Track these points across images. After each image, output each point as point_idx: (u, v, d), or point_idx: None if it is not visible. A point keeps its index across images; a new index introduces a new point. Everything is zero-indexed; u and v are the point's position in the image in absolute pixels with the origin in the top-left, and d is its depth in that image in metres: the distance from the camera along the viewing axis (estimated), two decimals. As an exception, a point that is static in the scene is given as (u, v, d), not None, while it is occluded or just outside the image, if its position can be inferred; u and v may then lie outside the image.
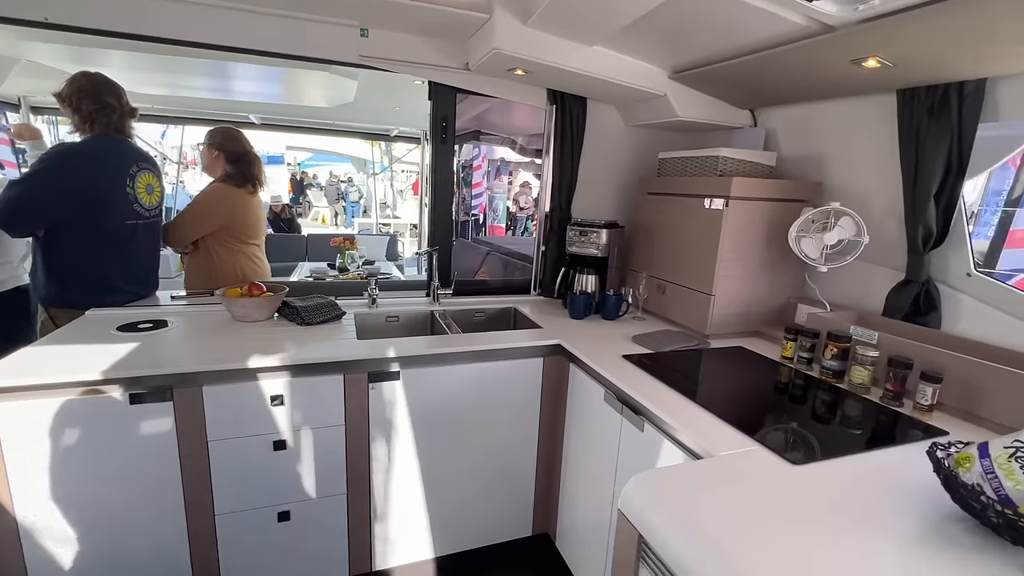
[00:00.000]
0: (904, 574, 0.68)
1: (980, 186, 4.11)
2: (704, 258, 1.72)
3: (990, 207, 3.76)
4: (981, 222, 4.13)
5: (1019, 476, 0.71)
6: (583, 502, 1.61)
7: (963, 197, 1.40)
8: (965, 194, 1.40)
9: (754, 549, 0.71)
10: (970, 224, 1.44)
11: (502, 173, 7.32)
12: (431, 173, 2.09)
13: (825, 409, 1.28)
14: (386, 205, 9.87)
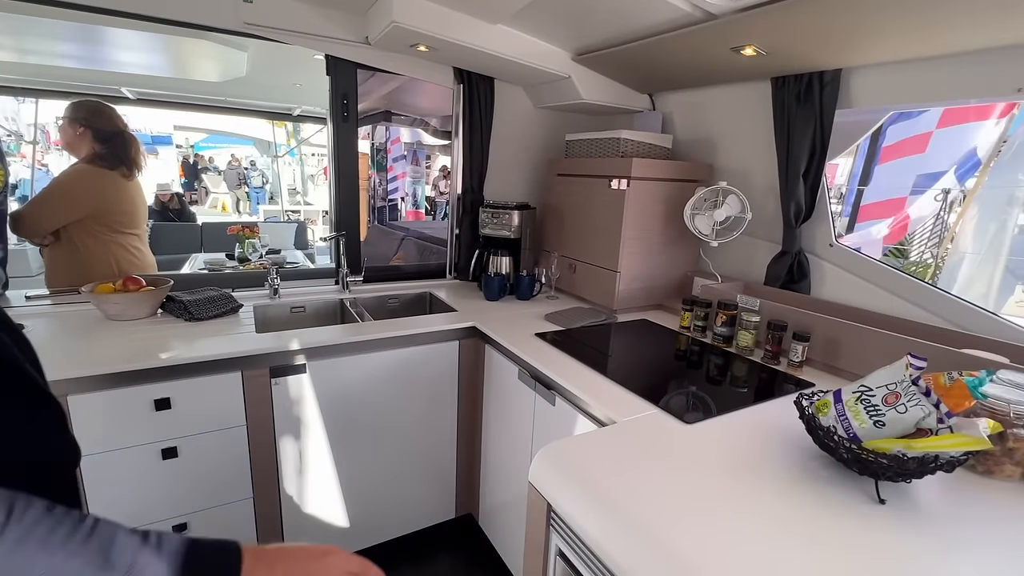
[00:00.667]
0: (776, 505, 0.76)
1: (847, 170, 4.66)
2: (610, 237, 1.79)
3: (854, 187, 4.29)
4: (848, 201, 4.71)
5: (863, 416, 0.82)
6: (503, 480, 1.65)
7: (825, 176, 1.57)
8: (839, 177, 1.58)
9: (650, 503, 0.76)
10: (837, 201, 1.63)
11: (419, 157, 7.13)
12: (334, 154, 1.98)
13: (717, 372, 1.39)
14: (295, 191, 9.24)
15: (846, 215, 4.90)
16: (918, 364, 0.81)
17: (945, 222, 3.98)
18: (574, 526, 0.81)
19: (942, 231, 3.81)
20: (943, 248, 3.11)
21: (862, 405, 0.84)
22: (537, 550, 0.91)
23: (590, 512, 0.79)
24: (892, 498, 0.79)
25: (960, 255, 2.86)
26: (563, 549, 0.86)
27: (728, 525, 0.72)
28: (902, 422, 0.78)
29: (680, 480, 0.83)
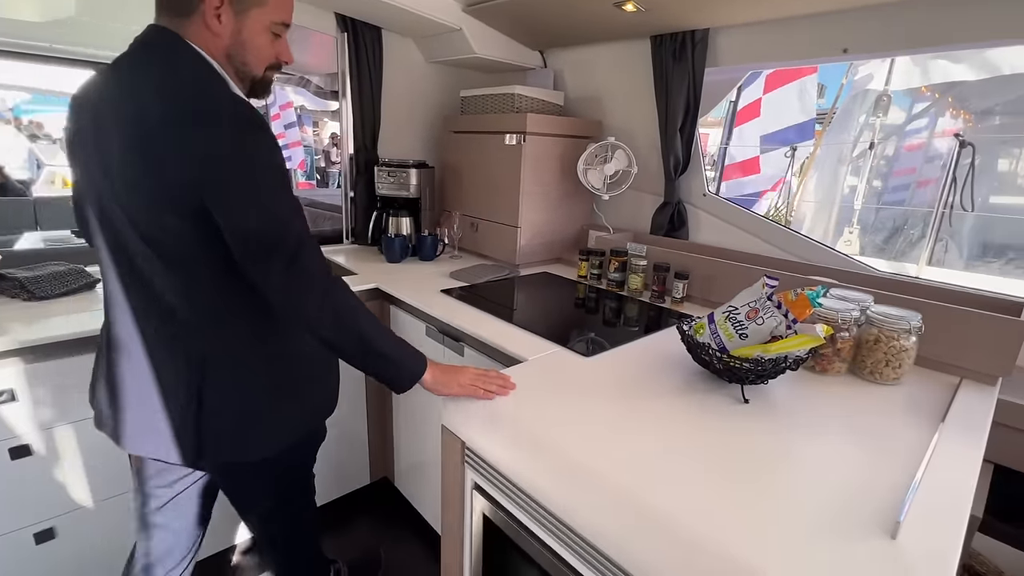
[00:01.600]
0: (664, 414, 0.86)
1: (717, 140, 5.13)
2: (509, 193, 1.82)
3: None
4: (719, 166, 5.22)
5: (731, 331, 0.95)
6: (417, 439, 1.65)
7: (698, 130, 1.73)
8: (711, 147, 1.74)
9: (557, 426, 0.82)
10: (711, 168, 1.80)
11: (304, 123, 6.57)
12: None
13: (612, 315, 1.50)
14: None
15: (716, 179, 5.45)
16: (772, 283, 0.95)
17: (790, 177, 4.68)
18: (488, 458, 0.84)
19: (789, 185, 4.45)
20: (794, 199, 3.64)
21: (730, 322, 0.96)
22: (455, 488, 0.94)
23: (502, 443, 0.82)
24: (754, 398, 0.93)
25: (806, 204, 3.35)
26: (479, 482, 0.89)
27: (626, 435, 0.80)
28: (760, 332, 0.92)
29: (582, 405, 0.90)
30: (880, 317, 1.01)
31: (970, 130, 3.77)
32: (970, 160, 2.17)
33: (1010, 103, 3.45)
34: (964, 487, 0.71)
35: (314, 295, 0.79)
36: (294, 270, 0.77)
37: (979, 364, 1.04)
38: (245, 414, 0.89)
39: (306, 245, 0.79)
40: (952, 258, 2.98)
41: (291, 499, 1.11)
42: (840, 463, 0.76)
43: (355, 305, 0.85)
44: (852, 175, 3.23)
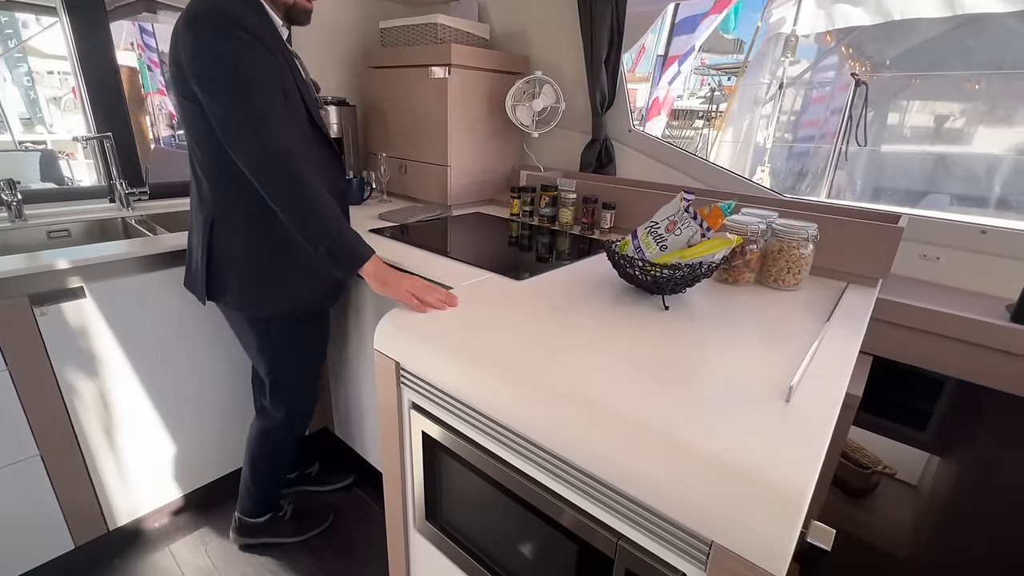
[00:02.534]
0: (595, 325, 0.90)
1: (644, 95, 5.20)
2: (436, 131, 1.76)
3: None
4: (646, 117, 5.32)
5: (652, 244, 1.00)
6: (355, 384, 1.63)
7: (623, 64, 1.74)
8: (639, 100, 1.75)
9: (490, 340, 0.83)
10: (640, 122, 1.83)
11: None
12: (75, 45, 1.52)
13: (545, 248, 1.52)
14: (30, 120, 6.99)
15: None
16: (688, 197, 1.00)
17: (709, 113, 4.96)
18: (423, 375, 0.85)
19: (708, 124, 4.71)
20: (715, 136, 3.82)
21: (651, 236, 1.01)
22: (390, 409, 0.94)
23: (436, 359, 0.83)
24: (674, 306, 0.99)
25: (725, 145, 3.54)
26: (416, 401, 0.90)
27: (558, 343, 0.83)
28: (679, 242, 0.97)
29: (515, 320, 0.92)
30: (783, 228, 1.10)
31: (865, 77, 4.10)
32: (864, 97, 2.37)
33: (899, 57, 3.79)
34: (845, 362, 0.81)
35: (276, 172, 0.97)
36: (262, 156, 0.96)
37: (863, 269, 1.17)
38: (238, 273, 1.13)
39: (268, 135, 0.95)
40: (849, 194, 3.30)
41: (276, 364, 1.28)
42: (745, 353, 0.83)
43: (306, 174, 0.98)
44: (766, 127, 3.44)
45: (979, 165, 3.79)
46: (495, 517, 0.85)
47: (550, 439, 0.68)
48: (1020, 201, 3.56)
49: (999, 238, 1.24)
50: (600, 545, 0.67)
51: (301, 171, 0.97)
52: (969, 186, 3.81)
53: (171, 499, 1.54)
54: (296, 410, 1.37)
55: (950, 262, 1.32)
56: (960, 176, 3.88)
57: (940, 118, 3.96)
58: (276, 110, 0.98)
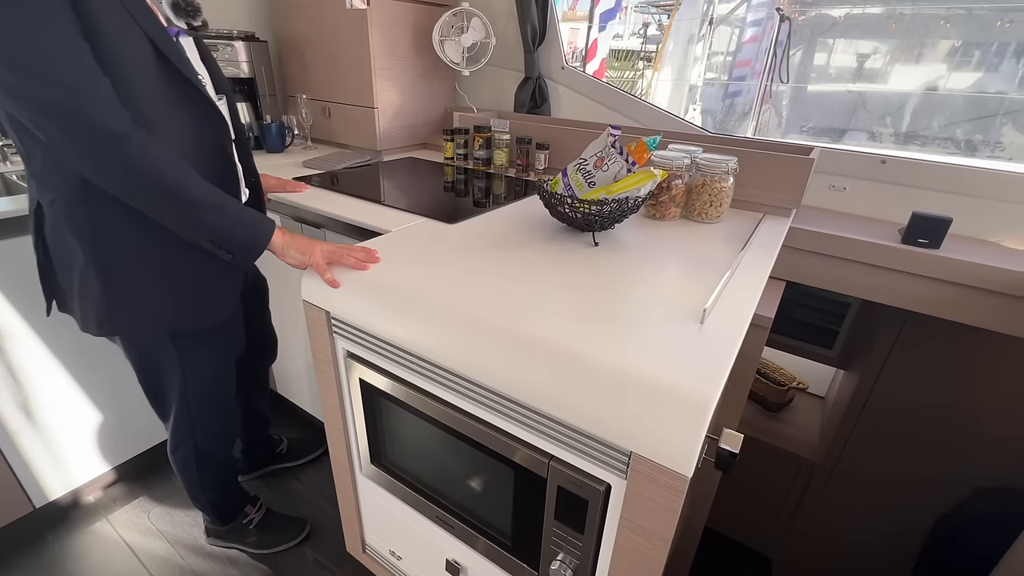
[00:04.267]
0: (530, 261, 0.91)
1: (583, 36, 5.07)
2: (360, 70, 1.65)
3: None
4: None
5: (581, 180, 1.00)
6: (289, 340, 1.59)
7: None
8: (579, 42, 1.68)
9: (422, 282, 0.82)
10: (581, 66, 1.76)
11: None
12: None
13: (481, 194, 1.50)
14: None
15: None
16: (615, 132, 1.00)
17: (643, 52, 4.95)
18: (355, 323, 0.84)
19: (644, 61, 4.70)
20: (652, 73, 3.83)
21: (580, 173, 1.01)
22: (326, 361, 0.93)
23: (366, 305, 0.82)
24: (604, 242, 1.02)
25: (662, 83, 3.56)
26: (350, 349, 0.89)
27: (491, 280, 0.83)
28: (606, 178, 0.98)
29: (446, 261, 0.91)
30: (705, 163, 1.14)
31: (793, 18, 4.20)
32: (787, 33, 2.43)
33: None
34: (755, 285, 0.87)
35: (103, 153, 0.70)
36: (73, 130, 0.69)
37: (778, 200, 1.24)
38: (80, 284, 0.88)
39: (83, 97, 0.68)
40: (774, 129, 3.45)
41: (157, 392, 1.08)
42: (668, 283, 0.88)
43: (158, 158, 0.75)
44: (699, 59, 3.47)
45: (894, 102, 4.06)
46: (437, 453, 0.87)
47: (481, 373, 0.70)
48: (924, 135, 3.87)
49: (896, 167, 1.34)
50: (533, 467, 0.71)
51: (145, 153, 0.73)
52: (884, 122, 4.07)
53: (102, 471, 1.48)
54: (208, 442, 1.15)
55: (855, 191, 1.43)
56: (878, 113, 4.14)
57: (862, 56, 4.16)
58: (82, 65, 0.68)
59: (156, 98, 0.79)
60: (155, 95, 0.79)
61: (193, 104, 0.85)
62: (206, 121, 0.89)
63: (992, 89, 3.80)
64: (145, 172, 0.74)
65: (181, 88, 0.83)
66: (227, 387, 1.15)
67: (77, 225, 0.82)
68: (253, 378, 1.38)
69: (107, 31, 0.71)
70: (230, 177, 0.96)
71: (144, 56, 0.77)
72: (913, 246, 1.17)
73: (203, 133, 0.88)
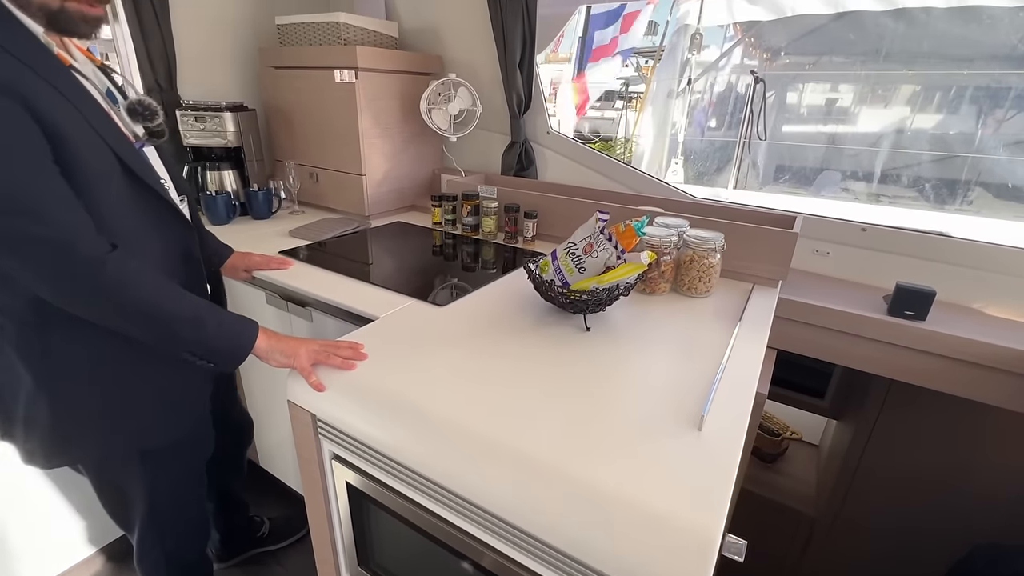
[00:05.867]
0: (515, 352, 0.89)
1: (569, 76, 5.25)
2: (348, 137, 1.66)
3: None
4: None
5: (571, 266, 1.00)
6: (274, 415, 1.54)
7: (538, 66, 1.72)
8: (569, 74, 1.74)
9: (410, 382, 0.80)
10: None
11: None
12: None
13: (470, 259, 1.50)
14: None
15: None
16: (603, 217, 1.01)
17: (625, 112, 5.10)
18: (342, 427, 0.81)
19: (626, 120, 4.84)
20: (633, 132, 3.96)
21: (570, 258, 1.01)
22: (311, 462, 0.90)
23: (354, 409, 0.79)
24: (595, 325, 1.01)
25: (644, 137, 3.67)
26: (337, 452, 0.86)
27: (479, 379, 0.82)
28: (596, 264, 0.98)
29: (436, 356, 0.89)
30: (693, 240, 1.15)
31: (765, 66, 4.43)
32: (762, 95, 2.53)
33: (794, 42, 4.12)
34: (751, 372, 0.86)
35: (80, 281, 0.69)
36: (48, 261, 0.67)
37: (765, 271, 1.25)
38: (5, 402, 0.83)
39: (58, 226, 0.67)
40: (752, 180, 3.56)
41: (119, 510, 1.00)
42: (662, 370, 0.87)
43: (134, 278, 0.73)
44: (680, 113, 3.62)
45: (863, 142, 4.24)
46: (424, 561, 0.83)
47: (467, 488, 0.68)
48: (896, 174, 4.03)
49: (877, 235, 1.37)
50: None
51: (122, 275, 0.70)
52: (856, 162, 4.24)
53: (87, 554, 1.39)
54: (179, 547, 1.08)
55: (839, 256, 1.45)
56: (848, 153, 4.31)
57: (830, 101, 4.37)
58: (54, 193, 0.66)
59: (126, 213, 0.78)
60: (125, 210, 0.78)
61: (160, 212, 0.85)
62: (172, 228, 0.88)
63: (952, 131, 4.00)
64: (122, 295, 0.72)
65: (148, 198, 0.82)
66: (197, 488, 1.08)
67: (28, 352, 0.78)
68: (227, 465, 1.31)
69: (76, 152, 0.70)
70: (198, 280, 0.95)
71: (112, 172, 0.76)
72: (899, 318, 1.19)
73: (170, 240, 0.87)
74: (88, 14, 0.74)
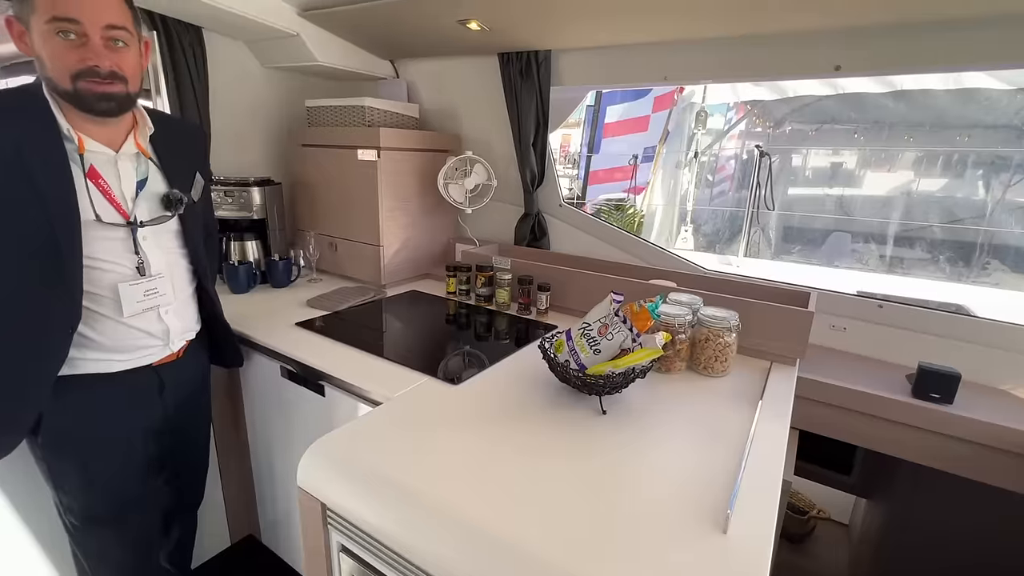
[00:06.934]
0: (529, 435, 0.88)
1: (578, 140, 5.51)
2: (368, 210, 1.73)
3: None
4: (581, 166, 5.59)
5: (587, 348, 1.00)
6: (281, 489, 1.50)
7: (550, 145, 1.81)
8: (573, 145, 1.83)
9: (423, 473, 0.78)
10: (573, 166, 1.90)
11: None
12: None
13: (483, 329, 1.51)
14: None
15: (580, 178, 5.86)
16: (618, 299, 1.02)
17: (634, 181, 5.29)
18: (352, 519, 0.78)
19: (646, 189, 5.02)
20: (647, 201, 4.09)
21: (585, 339, 1.01)
22: (317, 552, 0.86)
23: (366, 499, 0.77)
24: (611, 407, 0.99)
25: (655, 206, 3.78)
26: (345, 544, 0.83)
27: (494, 466, 0.80)
28: (611, 347, 0.98)
29: (450, 440, 0.88)
30: (708, 319, 1.15)
31: (768, 134, 4.63)
32: (768, 167, 2.61)
33: (796, 112, 4.34)
34: (776, 460, 0.83)
35: None
36: None
37: (782, 349, 1.24)
38: None
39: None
40: (764, 248, 3.62)
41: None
42: (683, 458, 0.84)
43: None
44: (688, 182, 3.76)
45: (870, 205, 4.31)
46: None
47: (490, 599, 0.64)
48: (907, 238, 4.06)
49: (895, 312, 1.36)
50: None
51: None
52: (864, 224, 4.29)
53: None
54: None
55: (856, 331, 1.44)
56: (856, 214, 4.38)
57: (835, 164, 4.50)
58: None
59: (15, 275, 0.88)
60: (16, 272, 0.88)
61: (61, 286, 0.91)
62: (62, 302, 0.91)
63: (959, 194, 4.05)
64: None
65: (56, 271, 0.90)
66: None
67: None
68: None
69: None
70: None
71: (28, 240, 0.86)
72: (925, 401, 1.15)
73: (54, 314, 0.91)
74: (97, 92, 0.86)
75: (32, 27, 0.82)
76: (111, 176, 0.94)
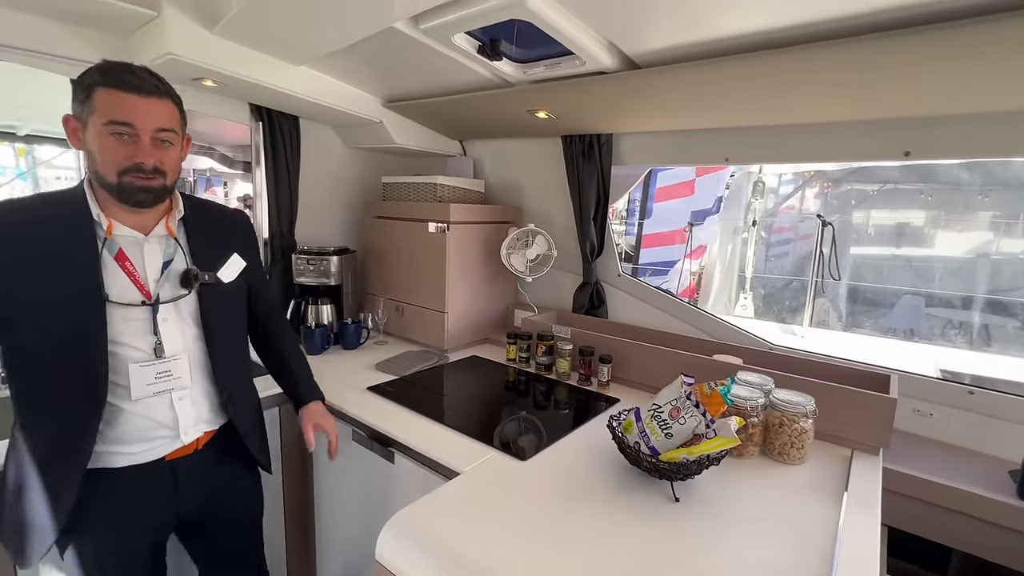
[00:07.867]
0: (603, 520, 0.87)
1: (625, 198, 5.64)
2: (434, 278, 1.83)
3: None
4: (631, 222, 5.66)
5: (658, 431, 1.00)
6: (345, 552, 1.52)
7: (611, 218, 1.87)
8: (620, 203, 1.90)
9: (497, 550, 0.80)
10: (620, 223, 1.95)
11: (214, 185, 6.18)
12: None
13: (542, 398, 1.52)
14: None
15: (631, 234, 5.90)
16: (688, 381, 1.02)
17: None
18: (428, 596, 0.80)
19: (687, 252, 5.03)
20: (704, 268, 4.08)
21: (656, 422, 1.01)
22: (392, 631, 0.87)
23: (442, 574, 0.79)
24: (683, 494, 0.97)
25: (712, 273, 3.76)
26: (419, 622, 0.83)
27: (569, 550, 0.80)
28: (684, 432, 0.98)
29: (525, 518, 0.89)
30: (782, 403, 1.12)
31: (827, 194, 4.58)
32: (831, 237, 2.56)
33: (851, 173, 4.28)
34: (870, 565, 0.78)
35: None
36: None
37: (863, 436, 1.18)
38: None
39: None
40: (832, 319, 3.48)
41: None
42: (764, 556, 0.81)
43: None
44: (746, 246, 3.75)
45: (943, 266, 4.07)
46: None
47: None
48: (999, 303, 3.76)
49: (987, 400, 1.27)
50: None
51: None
52: (939, 287, 4.04)
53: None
54: None
55: (943, 418, 1.34)
56: (928, 277, 4.13)
57: (901, 224, 4.33)
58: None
59: (41, 383, 0.92)
60: (40, 381, 0.92)
61: (81, 362, 0.92)
62: (85, 372, 0.92)
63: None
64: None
65: (71, 366, 0.91)
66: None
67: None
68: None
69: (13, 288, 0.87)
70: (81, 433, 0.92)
71: (49, 317, 0.89)
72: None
73: (71, 412, 0.92)
74: (138, 185, 0.89)
75: (89, 126, 0.87)
76: (136, 257, 0.94)
